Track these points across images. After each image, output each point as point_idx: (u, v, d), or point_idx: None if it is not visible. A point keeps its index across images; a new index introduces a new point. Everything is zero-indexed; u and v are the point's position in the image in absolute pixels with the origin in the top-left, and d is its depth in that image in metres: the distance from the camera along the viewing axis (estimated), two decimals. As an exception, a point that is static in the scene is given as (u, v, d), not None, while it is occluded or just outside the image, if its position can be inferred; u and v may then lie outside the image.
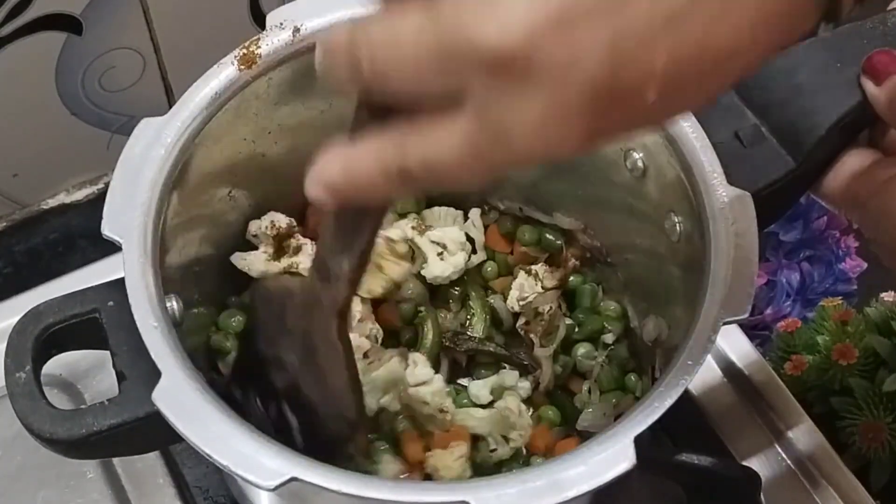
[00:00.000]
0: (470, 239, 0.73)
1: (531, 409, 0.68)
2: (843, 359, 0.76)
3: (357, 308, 0.66)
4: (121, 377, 0.56)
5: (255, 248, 0.69)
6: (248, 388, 0.59)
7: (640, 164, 0.65)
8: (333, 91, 0.43)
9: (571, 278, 0.73)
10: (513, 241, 0.74)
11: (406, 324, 0.70)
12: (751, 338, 0.80)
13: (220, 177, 0.66)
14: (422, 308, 0.70)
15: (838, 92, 0.62)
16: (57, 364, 0.62)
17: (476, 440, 0.65)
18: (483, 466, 0.65)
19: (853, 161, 0.62)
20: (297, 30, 0.63)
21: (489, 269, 0.73)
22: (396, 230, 0.69)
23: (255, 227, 0.69)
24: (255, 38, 0.63)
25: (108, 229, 0.57)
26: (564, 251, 0.73)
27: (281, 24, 0.63)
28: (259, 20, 0.85)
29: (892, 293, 0.82)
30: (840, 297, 0.84)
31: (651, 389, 0.54)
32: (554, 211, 0.73)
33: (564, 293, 0.73)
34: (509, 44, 0.37)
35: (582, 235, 0.73)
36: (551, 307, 0.70)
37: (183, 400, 0.52)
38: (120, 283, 0.56)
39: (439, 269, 0.69)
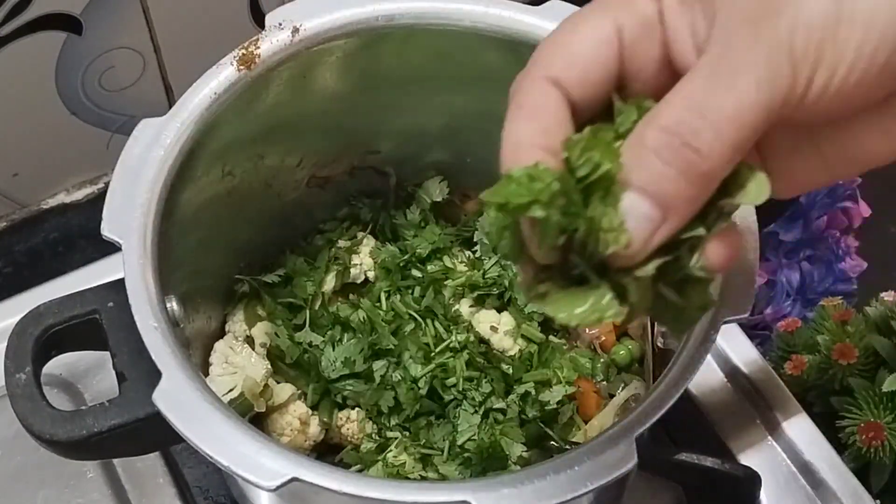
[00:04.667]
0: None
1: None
2: (843, 358, 0.76)
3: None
4: (121, 378, 0.56)
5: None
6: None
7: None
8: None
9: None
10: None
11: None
12: (751, 338, 0.80)
13: (219, 177, 0.66)
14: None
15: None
16: (57, 364, 0.62)
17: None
18: None
19: None
20: (296, 30, 0.63)
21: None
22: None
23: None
24: (254, 38, 0.63)
25: (107, 230, 0.57)
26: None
27: (280, 24, 0.63)
28: (259, 20, 0.85)
29: (892, 293, 0.82)
30: (840, 297, 0.84)
31: (651, 389, 0.54)
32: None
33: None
34: None
35: None
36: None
37: (183, 400, 0.52)
38: (120, 283, 0.56)
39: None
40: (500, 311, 0.72)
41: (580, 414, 0.70)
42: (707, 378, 0.78)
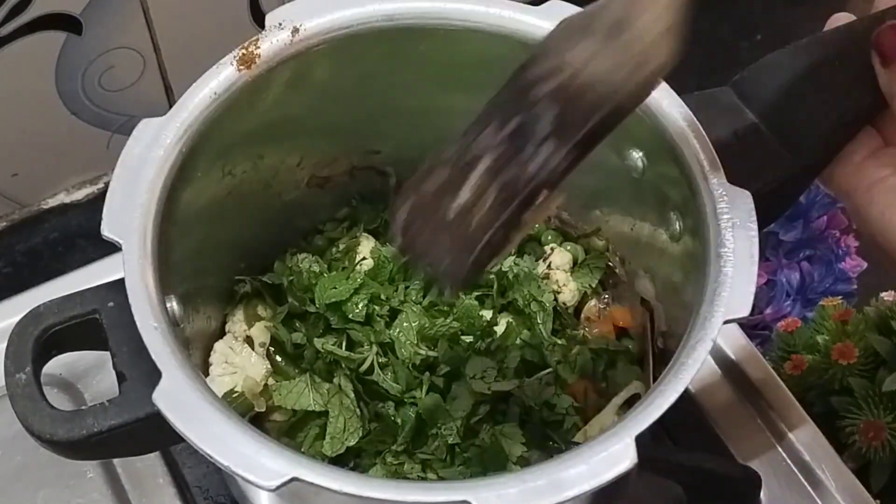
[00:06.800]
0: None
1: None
2: (843, 358, 0.76)
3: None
4: (121, 378, 0.56)
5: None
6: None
7: (639, 163, 0.65)
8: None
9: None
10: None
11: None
12: (751, 338, 0.80)
13: (219, 177, 0.66)
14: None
15: (837, 90, 0.62)
16: (57, 364, 0.62)
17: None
18: None
19: (856, 149, 0.61)
20: (296, 30, 0.63)
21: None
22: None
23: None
24: (254, 38, 0.63)
25: (107, 230, 0.57)
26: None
27: (280, 24, 0.63)
28: (259, 20, 0.85)
29: (892, 293, 0.82)
30: (840, 297, 0.84)
31: (651, 389, 0.54)
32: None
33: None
34: None
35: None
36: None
37: (183, 400, 0.52)
38: (120, 283, 0.56)
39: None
40: (500, 311, 0.72)
41: (580, 414, 0.70)
42: (707, 378, 0.78)
